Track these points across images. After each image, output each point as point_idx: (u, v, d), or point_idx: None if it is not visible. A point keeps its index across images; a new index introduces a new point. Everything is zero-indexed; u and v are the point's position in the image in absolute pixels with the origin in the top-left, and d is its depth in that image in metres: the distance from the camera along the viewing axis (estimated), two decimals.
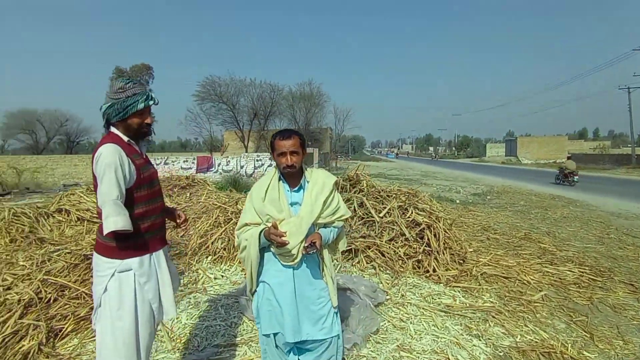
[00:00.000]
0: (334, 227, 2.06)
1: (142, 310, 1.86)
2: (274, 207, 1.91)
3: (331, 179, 2.05)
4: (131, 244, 1.84)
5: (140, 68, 45.19)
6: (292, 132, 1.96)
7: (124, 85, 1.83)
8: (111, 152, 1.74)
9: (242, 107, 33.09)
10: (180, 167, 18.48)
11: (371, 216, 4.85)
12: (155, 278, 1.93)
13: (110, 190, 1.70)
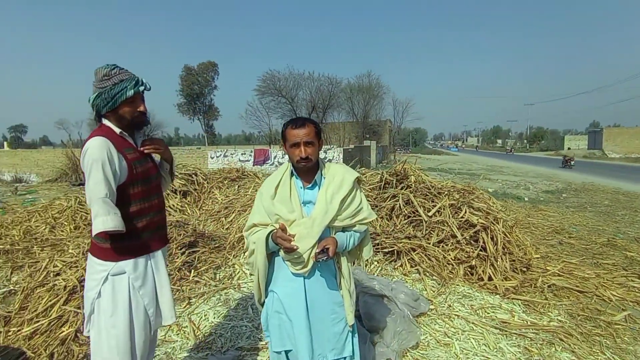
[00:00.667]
0: (355, 232, 1.77)
1: (137, 317, 1.73)
2: (284, 206, 1.67)
3: (351, 175, 1.75)
4: (125, 245, 1.70)
5: (206, 65, 47.78)
6: (306, 120, 1.69)
7: (109, 71, 1.68)
8: (98, 146, 1.60)
9: (300, 101, 33.53)
10: (238, 160, 19.11)
11: (418, 215, 4.41)
12: (152, 281, 1.79)
13: (98, 187, 1.57)
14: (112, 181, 1.61)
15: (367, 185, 5.07)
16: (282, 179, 1.73)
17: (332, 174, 1.74)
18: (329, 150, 17.84)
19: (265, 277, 1.73)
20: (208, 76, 49.08)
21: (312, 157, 1.66)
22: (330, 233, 1.70)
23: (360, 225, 1.77)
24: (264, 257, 1.67)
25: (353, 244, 1.77)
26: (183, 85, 47.66)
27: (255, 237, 1.68)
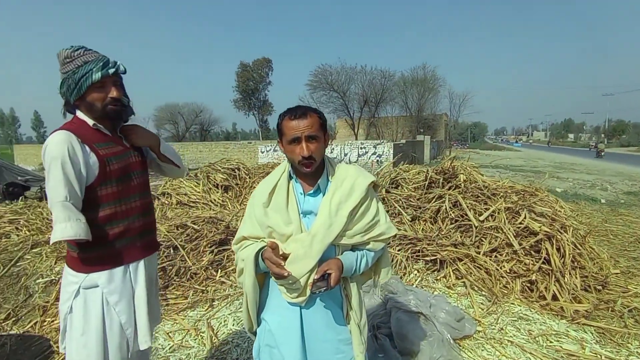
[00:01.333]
0: (369, 251, 1.40)
1: (111, 337, 1.51)
2: (279, 216, 1.34)
3: (364, 179, 1.38)
4: (97, 254, 1.49)
5: (261, 62, 48.77)
6: (307, 109, 1.33)
7: (71, 52, 1.44)
8: (58, 142, 1.38)
9: (352, 95, 32.98)
10: None
11: (467, 219, 3.88)
12: (131, 296, 1.56)
13: (57, 189, 1.36)
14: (74, 182, 1.39)
15: (410, 184, 4.61)
16: (279, 183, 1.40)
17: (340, 178, 1.39)
18: (378, 145, 17.21)
19: (255, 304, 1.41)
20: (262, 72, 50.08)
21: (315, 156, 1.31)
22: (336, 253, 1.36)
23: (376, 243, 1.40)
24: (253, 279, 1.36)
25: (365, 266, 1.40)
26: (239, 81, 49.11)
27: (244, 254, 1.37)
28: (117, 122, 1.61)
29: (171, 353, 2.72)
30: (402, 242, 3.80)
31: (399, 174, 4.72)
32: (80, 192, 1.41)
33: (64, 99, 1.50)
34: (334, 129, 37.83)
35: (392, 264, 3.62)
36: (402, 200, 4.31)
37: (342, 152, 17.64)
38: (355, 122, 32.87)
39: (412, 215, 4.11)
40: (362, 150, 17.27)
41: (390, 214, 4.27)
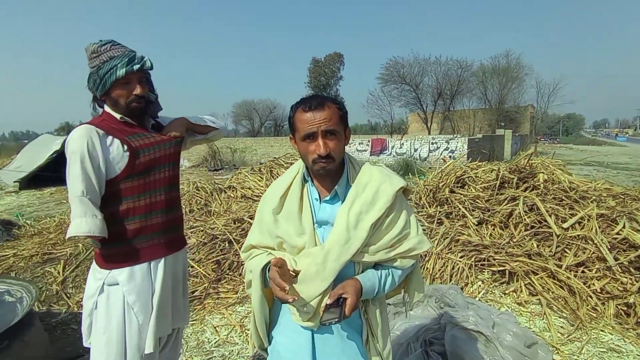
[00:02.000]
0: (395, 269, 1.18)
1: (130, 337, 1.47)
2: (290, 225, 1.16)
3: (392, 185, 1.15)
4: (117, 250, 1.46)
5: (332, 57, 48.96)
6: (324, 99, 1.13)
7: (98, 47, 1.41)
8: (79, 136, 1.37)
9: (425, 87, 31.51)
10: (355, 149, 18.95)
11: (547, 226, 3.34)
12: (150, 296, 1.51)
13: (75, 184, 1.35)
14: (92, 177, 1.37)
15: (478, 183, 4.13)
16: (291, 186, 1.22)
17: (362, 182, 1.17)
18: (451, 140, 16.12)
19: (264, 321, 1.26)
20: (334, 67, 50.26)
21: (334, 155, 1.11)
22: (355, 271, 1.15)
23: (404, 260, 1.17)
24: (260, 295, 1.20)
25: (391, 287, 1.17)
26: (311, 77, 49.95)
27: (252, 265, 1.22)
28: (143, 118, 1.57)
29: (216, 347, 2.73)
30: (465, 248, 3.41)
31: (466, 172, 4.26)
32: (98, 187, 1.40)
33: (92, 94, 1.50)
34: (405, 123, 36.61)
35: (454, 272, 3.26)
36: (467, 201, 3.87)
37: (412, 148, 16.91)
38: (428, 116, 31.37)
39: (478, 219, 3.66)
40: (433, 145, 16.37)
41: (454, 216, 3.87)
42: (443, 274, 3.27)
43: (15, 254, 4.34)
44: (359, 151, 18.74)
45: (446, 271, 3.26)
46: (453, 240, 3.51)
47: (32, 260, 4.22)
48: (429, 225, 3.72)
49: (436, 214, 3.86)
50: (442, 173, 4.42)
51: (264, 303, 1.22)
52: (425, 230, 3.71)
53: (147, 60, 1.48)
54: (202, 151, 19.39)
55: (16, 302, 2.90)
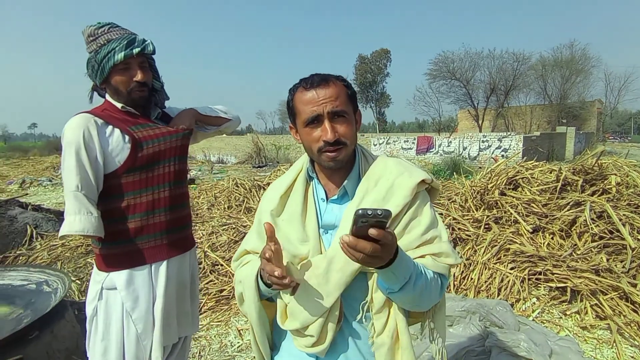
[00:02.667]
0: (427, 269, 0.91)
1: (128, 346, 1.36)
2: (292, 230, 0.96)
3: (409, 178, 0.92)
4: (116, 251, 1.35)
5: (379, 53, 48.18)
6: (328, 75, 0.92)
7: (95, 30, 1.30)
8: (75, 126, 1.25)
9: (477, 83, 29.83)
10: (401, 147, 18.37)
11: (619, 237, 2.85)
12: (151, 302, 1.38)
13: (69, 178, 1.24)
14: (88, 170, 1.26)
15: (534, 185, 3.66)
16: (295, 184, 1.02)
17: (373, 177, 0.95)
18: (504, 138, 15.01)
19: (265, 340, 1.05)
20: (381, 64, 49.42)
21: (346, 141, 0.90)
22: (369, 286, 0.92)
23: (436, 261, 0.91)
24: (258, 308, 0.99)
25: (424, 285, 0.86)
26: (357, 74, 49.47)
27: (242, 274, 1.02)
28: (148, 108, 1.45)
29: (238, 352, 2.61)
30: (517, 258, 3.01)
31: (520, 172, 3.80)
32: (95, 181, 1.29)
33: (92, 82, 1.39)
34: (455, 120, 35.04)
35: (503, 285, 2.88)
36: (521, 205, 3.43)
37: (461, 146, 16.02)
38: (480, 113, 29.71)
39: (533, 226, 3.22)
40: (484, 143, 15.38)
41: (504, 222, 3.45)
42: (490, 286, 2.91)
43: (63, 244, 4.55)
44: (404, 149, 18.13)
45: (494, 284, 2.90)
46: (502, 248, 3.12)
47: (77, 251, 4.40)
48: (474, 231, 3.35)
49: (484, 218, 3.47)
50: (491, 173, 3.99)
51: (264, 317, 1.02)
52: (471, 237, 3.34)
53: (149, 44, 1.35)
54: (247, 148, 19.81)
55: (52, 292, 2.97)
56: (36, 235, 4.76)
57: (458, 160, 13.29)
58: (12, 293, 3.07)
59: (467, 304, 2.55)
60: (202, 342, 2.75)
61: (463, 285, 3.04)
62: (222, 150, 23.70)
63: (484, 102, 29.89)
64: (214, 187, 7.20)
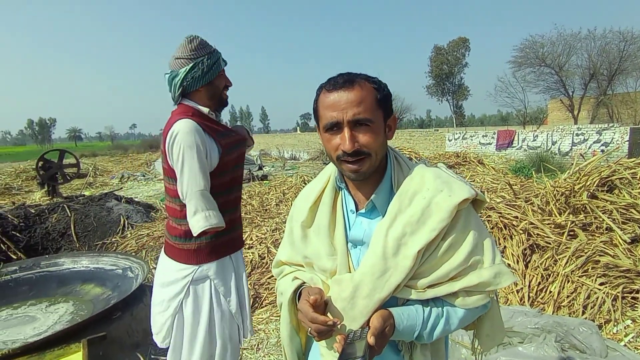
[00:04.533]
0: (454, 309, 0.84)
1: (221, 328, 1.52)
2: (320, 243, 0.92)
3: (452, 196, 0.82)
4: (212, 243, 1.50)
5: (457, 42, 45.47)
6: (355, 77, 0.85)
7: (202, 40, 1.49)
8: (189, 130, 1.38)
9: (572, 68, 26.51)
10: (478, 142, 17.16)
11: None
12: (236, 286, 1.57)
13: (195, 179, 1.38)
14: (206, 171, 1.42)
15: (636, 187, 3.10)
16: (323, 194, 0.97)
17: (407, 192, 0.86)
18: (605, 131, 13.09)
19: (294, 355, 1.03)
20: (458, 54, 46.63)
21: (369, 151, 0.82)
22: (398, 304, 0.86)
23: (470, 298, 0.82)
24: (289, 329, 0.99)
25: (443, 332, 0.83)
26: (432, 66, 47.32)
27: (282, 286, 1.01)
28: (220, 114, 1.62)
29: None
30: (609, 272, 2.59)
31: (617, 172, 3.26)
32: (209, 180, 1.45)
33: (182, 85, 1.46)
34: (544, 111, 31.65)
35: (589, 303, 2.51)
36: (616, 210, 2.95)
37: (549, 140, 14.40)
38: (575, 103, 26.41)
39: (632, 235, 2.74)
40: (578, 137, 13.64)
41: (594, 229, 3.00)
42: (572, 302, 2.56)
43: (148, 234, 5.07)
44: (482, 144, 16.89)
45: (577, 300, 2.54)
46: (590, 260, 2.72)
47: (159, 241, 4.86)
48: (555, 238, 2.96)
49: (567, 224, 3.06)
50: (579, 172, 3.49)
51: (294, 336, 1.02)
52: (551, 244, 2.97)
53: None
54: (318, 144, 20.14)
55: (134, 278, 3.32)
56: (127, 225, 5.37)
57: (545, 156, 11.99)
58: (104, 276, 3.51)
59: (542, 321, 2.27)
60: (261, 335, 2.84)
61: (540, 298, 2.72)
62: (295, 147, 24.44)
63: (580, 90, 26.50)
64: (283, 184, 7.43)
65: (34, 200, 8.22)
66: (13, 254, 4.49)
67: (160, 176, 13.80)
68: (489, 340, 0.95)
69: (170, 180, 1.48)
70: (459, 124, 49.71)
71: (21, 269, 3.50)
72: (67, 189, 10.09)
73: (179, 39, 1.53)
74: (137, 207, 6.03)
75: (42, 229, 4.98)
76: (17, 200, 8.44)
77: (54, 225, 5.07)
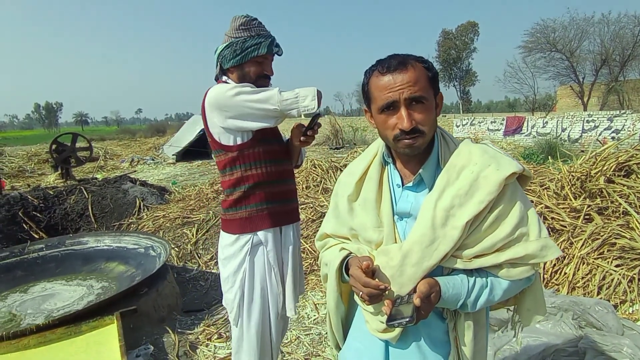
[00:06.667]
0: (499, 280, 0.89)
1: (272, 298, 1.57)
2: (367, 216, 0.96)
3: (500, 169, 0.85)
4: (263, 209, 1.54)
5: (465, 27, 44.61)
6: (407, 57, 0.88)
7: (248, 21, 1.49)
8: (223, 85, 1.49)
9: (584, 54, 25.99)
10: (487, 129, 17.05)
11: None
12: (281, 259, 1.60)
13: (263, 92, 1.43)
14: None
15: None
16: (370, 168, 1.01)
17: (455, 166, 0.89)
18: (616, 117, 12.93)
19: (339, 322, 1.10)
20: (467, 38, 45.82)
21: (424, 129, 0.87)
22: (444, 273, 0.91)
23: (514, 269, 0.86)
24: (336, 297, 1.05)
25: (487, 302, 0.88)
26: (440, 50, 46.58)
27: (328, 257, 1.06)
28: None
29: (314, 325, 2.75)
30: (625, 255, 2.64)
31: (634, 156, 3.27)
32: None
33: (219, 61, 1.54)
34: (553, 98, 31.21)
35: (605, 284, 2.57)
36: (634, 194, 2.97)
37: (559, 127, 14.27)
38: (586, 89, 25.98)
39: None
40: (589, 124, 13.49)
41: (610, 213, 3.03)
42: (588, 283, 2.61)
43: (164, 216, 5.17)
44: (491, 130, 16.78)
45: (592, 281, 2.60)
46: (607, 242, 2.76)
47: (175, 222, 4.96)
48: (571, 221, 3.00)
49: (584, 207, 3.09)
50: (596, 157, 3.50)
51: (340, 303, 1.08)
52: (566, 228, 3.01)
53: (280, 48, 1.56)
54: (325, 129, 20.09)
55: (156, 257, 3.42)
56: (143, 207, 5.46)
57: (554, 143, 11.89)
58: (126, 255, 3.61)
59: (558, 301, 2.33)
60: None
61: (555, 279, 2.78)
62: None
63: (591, 76, 26.04)
64: None
65: (48, 182, 8.35)
66: (35, 233, 4.62)
67: (169, 160, 13.91)
68: (530, 315, 0.99)
69: (217, 153, 1.54)
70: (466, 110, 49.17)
71: (47, 247, 3.62)
72: (79, 172, 10.21)
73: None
74: (151, 189, 6.12)
75: (61, 210, 5.10)
76: (31, 182, 8.59)
77: (72, 207, 5.18)
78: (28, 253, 3.51)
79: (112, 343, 2.10)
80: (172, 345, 2.50)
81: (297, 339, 2.57)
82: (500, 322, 2.25)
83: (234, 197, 1.52)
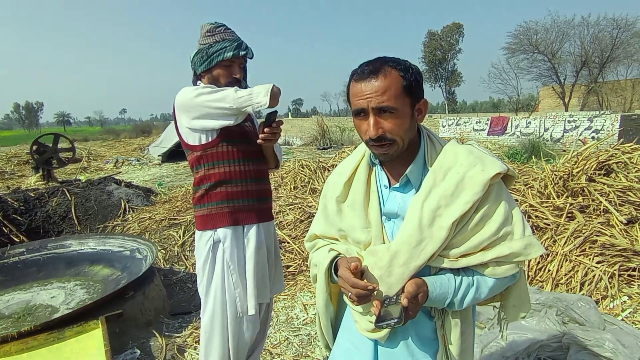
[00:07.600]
0: (485, 278, 0.90)
1: (229, 294, 1.59)
2: (355, 216, 0.97)
3: (483, 171, 0.87)
4: (224, 208, 1.57)
5: (451, 28, 45.23)
6: (382, 63, 0.87)
7: (213, 28, 1.56)
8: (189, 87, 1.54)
9: (565, 56, 26.64)
10: (472, 129, 17.30)
11: None
12: (242, 258, 1.61)
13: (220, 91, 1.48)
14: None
15: (632, 171, 3.22)
16: (357, 170, 1.02)
17: (442, 167, 0.90)
18: (596, 118, 13.30)
19: (328, 323, 1.11)
20: (452, 39, 46.46)
21: (393, 137, 0.87)
22: (431, 274, 0.92)
23: (500, 267, 0.88)
24: (325, 297, 1.05)
25: (473, 300, 0.90)
26: (426, 51, 47.09)
27: (317, 258, 1.07)
28: None
29: (303, 325, 2.74)
30: (606, 251, 2.72)
31: (614, 156, 3.37)
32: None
33: (192, 69, 1.63)
34: (536, 99, 31.91)
35: (587, 280, 2.64)
36: (613, 193, 3.06)
37: (542, 127, 14.60)
38: (567, 90, 26.62)
39: (628, 216, 2.87)
40: (570, 124, 13.83)
41: (591, 211, 3.12)
42: (570, 280, 2.68)
43: (150, 218, 5.09)
44: (476, 130, 17.03)
45: (575, 278, 2.66)
46: (588, 240, 2.83)
47: (161, 223, 4.89)
48: (554, 220, 3.08)
49: (566, 206, 3.17)
50: (578, 157, 3.60)
51: (329, 304, 1.08)
52: (550, 226, 3.08)
53: (250, 50, 1.60)
54: (312, 130, 20.10)
55: (143, 259, 3.36)
56: (128, 208, 5.37)
57: (537, 143, 12.15)
58: (112, 257, 3.54)
59: (542, 297, 2.39)
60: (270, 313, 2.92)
61: (539, 276, 2.84)
62: (288, 132, 24.31)
63: (572, 78, 26.70)
64: (281, 168, 7.45)
65: (29, 184, 8.13)
66: (15, 237, 4.49)
67: (155, 161, 13.71)
68: (515, 311, 1.01)
69: (187, 152, 1.61)
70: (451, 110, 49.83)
71: (28, 250, 3.52)
72: (61, 173, 9.98)
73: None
74: (137, 190, 6.03)
75: (43, 213, 4.97)
76: (11, 184, 8.35)
77: (55, 209, 5.06)
78: (8, 257, 3.41)
79: (97, 348, 2.06)
80: (160, 349, 2.46)
81: (286, 340, 2.56)
82: (487, 320, 2.29)
83: (198, 194, 1.59)
